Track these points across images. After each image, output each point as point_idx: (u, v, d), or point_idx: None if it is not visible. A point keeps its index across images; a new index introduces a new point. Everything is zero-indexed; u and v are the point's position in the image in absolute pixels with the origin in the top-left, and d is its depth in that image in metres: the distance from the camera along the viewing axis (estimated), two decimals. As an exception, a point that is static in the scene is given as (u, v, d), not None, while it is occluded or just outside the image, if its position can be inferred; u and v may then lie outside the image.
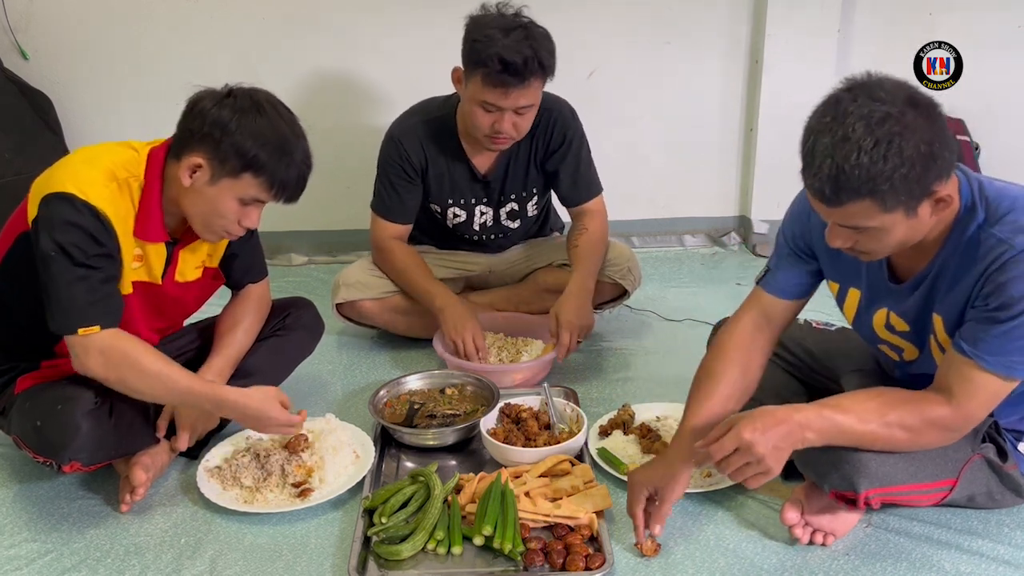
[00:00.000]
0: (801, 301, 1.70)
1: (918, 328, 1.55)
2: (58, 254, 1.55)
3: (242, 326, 1.93)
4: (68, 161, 1.65)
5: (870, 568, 1.53)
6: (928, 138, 1.29)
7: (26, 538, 1.67)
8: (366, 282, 2.39)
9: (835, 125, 1.29)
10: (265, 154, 1.59)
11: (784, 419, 1.42)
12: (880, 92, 1.30)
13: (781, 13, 3.02)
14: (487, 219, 2.43)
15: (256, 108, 1.60)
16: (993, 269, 1.37)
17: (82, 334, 1.57)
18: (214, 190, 1.62)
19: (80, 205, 1.55)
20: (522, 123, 2.15)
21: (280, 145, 1.61)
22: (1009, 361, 1.38)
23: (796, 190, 1.78)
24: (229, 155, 1.58)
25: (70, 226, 1.55)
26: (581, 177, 2.37)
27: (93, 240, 1.56)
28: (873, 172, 1.27)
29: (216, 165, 1.60)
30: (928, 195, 1.33)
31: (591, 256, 2.32)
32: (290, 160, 1.62)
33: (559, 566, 1.51)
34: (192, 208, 1.66)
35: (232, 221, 1.66)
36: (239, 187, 1.62)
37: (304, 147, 1.66)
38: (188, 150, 1.61)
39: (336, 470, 1.79)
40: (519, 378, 2.19)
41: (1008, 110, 3.15)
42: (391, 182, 2.32)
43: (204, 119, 1.59)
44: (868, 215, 1.33)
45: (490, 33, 2.02)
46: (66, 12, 2.91)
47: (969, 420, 1.44)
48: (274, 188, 1.63)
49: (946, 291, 1.46)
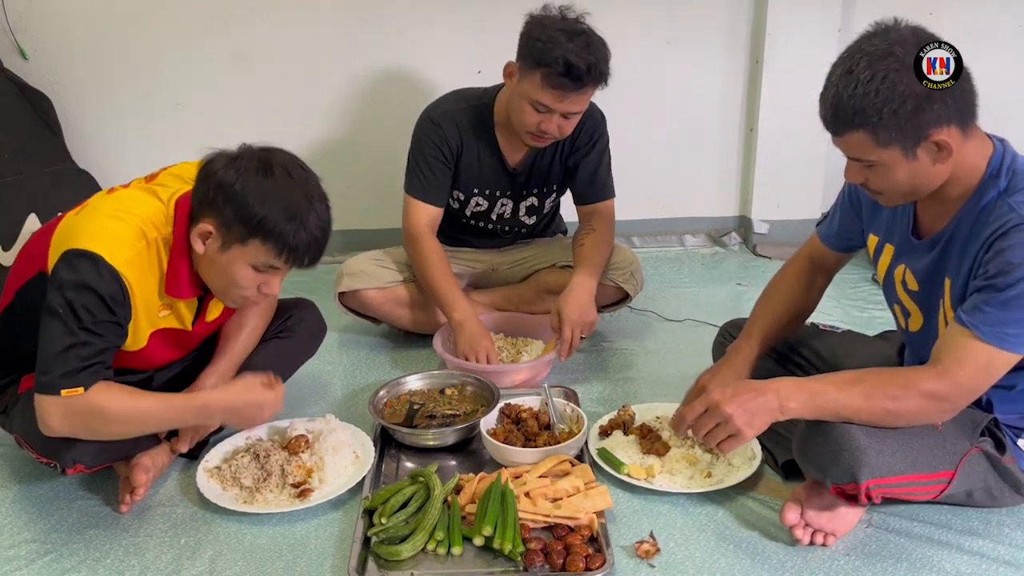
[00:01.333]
0: (846, 256, 1.82)
1: (927, 290, 1.56)
2: (66, 312, 1.50)
3: (247, 329, 1.92)
4: (96, 213, 1.58)
5: (871, 568, 1.53)
6: None
7: (26, 538, 1.67)
8: (370, 272, 2.40)
9: (847, 59, 1.38)
10: (272, 219, 1.52)
11: (759, 388, 1.49)
12: (893, 34, 1.37)
13: (781, 13, 3.02)
14: (506, 211, 2.44)
15: (264, 169, 1.53)
16: (997, 235, 1.39)
17: (64, 396, 1.51)
18: (226, 258, 1.57)
19: (104, 269, 1.50)
20: (567, 126, 2.17)
21: (288, 208, 1.53)
22: (1004, 332, 1.38)
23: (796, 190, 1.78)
24: (234, 220, 1.53)
25: (86, 289, 1.50)
26: (599, 177, 2.38)
27: (106, 308, 1.52)
28: (864, 104, 1.34)
29: (225, 232, 1.55)
30: (925, 138, 1.37)
31: (596, 254, 2.33)
32: (300, 225, 1.54)
33: (559, 566, 1.51)
34: (208, 276, 1.63)
35: (250, 289, 1.62)
36: (249, 254, 1.56)
37: (319, 210, 1.57)
38: (200, 216, 1.57)
39: (336, 470, 1.79)
40: (519, 378, 2.18)
41: (1008, 110, 3.15)
42: (428, 163, 2.29)
43: (210, 183, 1.54)
44: (864, 148, 1.40)
45: (555, 36, 2.03)
46: (66, 12, 2.91)
47: (958, 390, 1.43)
48: (284, 254, 1.56)
49: (958, 255, 1.48)
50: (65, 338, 1.51)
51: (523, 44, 2.10)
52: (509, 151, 2.33)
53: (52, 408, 1.53)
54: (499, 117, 2.29)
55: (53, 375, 1.51)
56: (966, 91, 1.38)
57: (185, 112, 3.04)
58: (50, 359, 1.52)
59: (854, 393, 1.45)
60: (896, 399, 1.43)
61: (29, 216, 2.70)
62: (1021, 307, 1.36)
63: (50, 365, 1.52)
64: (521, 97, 2.13)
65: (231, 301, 1.68)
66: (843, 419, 1.46)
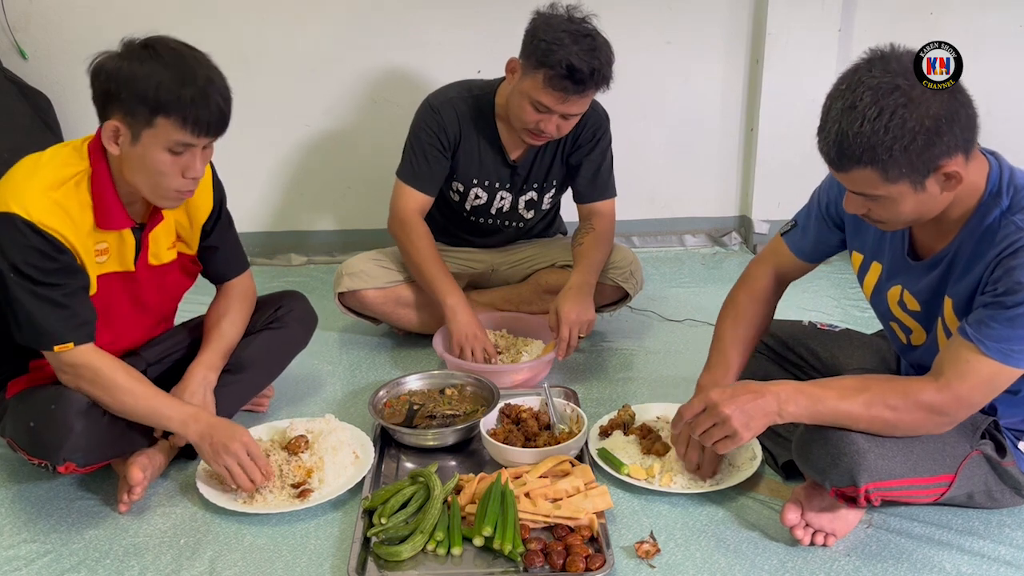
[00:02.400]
0: (813, 265, 1.79)
1: (928, 309, 1.55)
2: (16, 275, 1.55)
3: (227, 318, 1.92)
4: (9, 177, 1.61)
5: (871, 569, 1.53)
6: (935, 113, 1.30)
7: (25, 538, 1.67)
8: (370, 272, 2.40)
9: (848, 92, 1.33)
10: (167, 88, 1.51)
11: (758, 390, 1.48)
12: (894, 64, 1.33)
13: (781, 13, 3.02)
14: (505, 204, 2.44)
15: (148, 50, 1.54)
16: (1006, 255, 1.37)
17: (57, 351, 1.59)
18: (140, 148, 1.56)
19: (21, 225, 1.53)
20: (565, 127, 2.18)
21: (182, 77, 1.52)
22: (1009, 348, 1.38)
23: (796, 190, 1.78)
24: (134, 103, 1.52)
25: (17, 247, 1.54)
26: (600, 176, 2.38)
27: (45, 256, 1.56)
28: (873, 141, 1.31)
29: (130, 121, 1.54)
30: (935, 170, 1.34)
31: (595, 253, 2.32)
32: (197, 91, 1.53)
33: (559, 567, 1.51)
34: (133, 176, 1.61)
35: (175, 176, 1.60)
36: (160, 136, 1.54)
37: (214, 76, 1.57)
38: (105, 117, 1.57)
39: (336, 470, 1.79)
40: (519, 378, 2.18)
41: (1008, 110, 3.15)
42: (423, 150, 2.29)
43: (102, 78, 1.55)
44: (872, 183, 1.36)
45: (559, 37, 2.02)
46: (66, 12, 2.90)
47: (959, 404, 1.42)
48: (190, 123, 1.53)
49: (960, 274, 1.47)
50: (28, 296, 1.57)
51: (527, 42, 2.10)
52: (510, 144, 2.33)
53: (52, 361, 1.63)
54: (500, 110, 2.29)
55: (37, 335, 1.59)
56: (971, 116, 1.35)
57: (185, 112, 3.03)
58: (27, 321, 1.59)
59: (854, 401, 1.44)
60: (895, 409, 1.43)
61: (29, 216, 2.70)
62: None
63: (30, 326, 1.59)
64: (522, 95, 2.13)
65: (164, 199, 1.65)
66: (842, 426, 1.46)
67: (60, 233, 1.57)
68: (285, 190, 3.13)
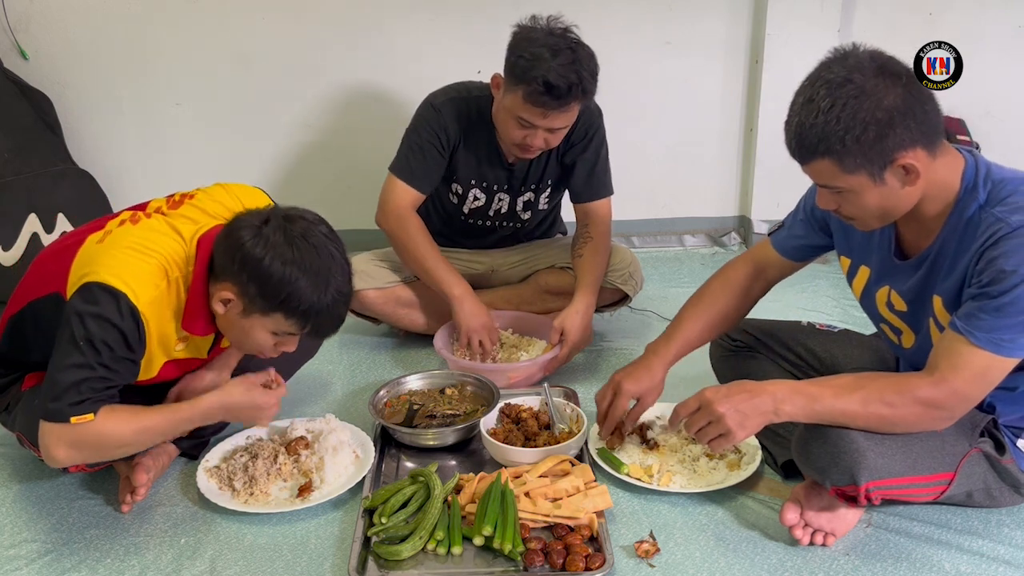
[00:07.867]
0: (797, 264, 1.82)
1: (915, 309, 1.56)
2: (86, 345, 1.49)
3: None
4: (119, 246, 1.57)
5: (870, 568, 1.53)
6: (888, 105, 1.34)
7: (26, 538, 1.67)
8: (369, 272, 2.40)
9: (808, 87, 1.40)
10: (295, 297, 1.52)
11: (754, 390, 1.50)
12: (852, 60, 1.37)
13: (781, 13, 3.02)
14: (503, 206, 2.44)
15: (289, 243, 1.51)
16: (987, 246, 1.39)
17: (75, 423, 1.51)
18: (247, 323, 1.58)
19: (125, 308, 1.50)
20: (553, 140, 2.17)
21: (312, 287, 1.53)
22: (999, 338, 1.38)
23: (796, 190, 1.79)
24: (257, 296, 1.53)
25: (109, 325, 1.49)
26: (596, 175, 2.37)
27: (126, 345, 1.52)
28: (827, 131, 1.35)
29: (247, 302, 1.55)
30: (891, 162, 1.37)
31: (595, 269, 2.33)
32: (322, 302, 1.54)
33: (559, 566, 1.51)
34: (226, 330, 1.64)
35: (267, 348, 1.63)
36: (270, 324, 1.57)
37: (340, 284, 1.57)
38: (222, 279, 1.56)
39: (336, 470, 1.79)
40: (518, 378, 2.18)
41: (1008, 110, 3.16)
42: (421, 147, 2.28)
43: (235, 255, 1.52)
44: (832, 175, 1.41)
45: (537, 52, 2.00)
46: (66, 12, 2.91)
47: (954, 398, 1.43)
48: (307, 328, 1.58)
49: (946, 271, 1.47)
50: (83, 370, 1.50)
51: (508, 58, 2.08)
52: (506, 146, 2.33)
53: (61, 435, 1.52)
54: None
55: (62, 403, 1.50)
56: (928, 112, 1.37)
57: (185, 112, 3.04)
58: (63, 388, 1.50)
59: (851, 399, 1.45)
60: (892, 406, 1.43)
61: (29, 216, 2.70)
62: (1015, 313, 1.36)
63: (61, 393, 1.50)
64: (506, 112, 2.12)
65: (245, 351, 1.72)
66: (839, 424, 1.46)
67: (151, 327, 1.55)
68: (285, 190, 3.13)
